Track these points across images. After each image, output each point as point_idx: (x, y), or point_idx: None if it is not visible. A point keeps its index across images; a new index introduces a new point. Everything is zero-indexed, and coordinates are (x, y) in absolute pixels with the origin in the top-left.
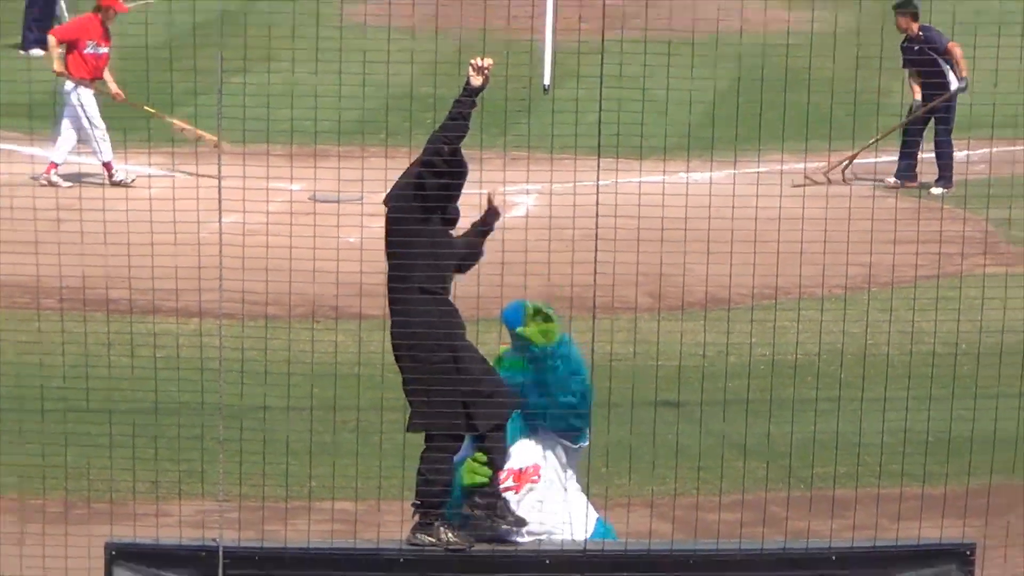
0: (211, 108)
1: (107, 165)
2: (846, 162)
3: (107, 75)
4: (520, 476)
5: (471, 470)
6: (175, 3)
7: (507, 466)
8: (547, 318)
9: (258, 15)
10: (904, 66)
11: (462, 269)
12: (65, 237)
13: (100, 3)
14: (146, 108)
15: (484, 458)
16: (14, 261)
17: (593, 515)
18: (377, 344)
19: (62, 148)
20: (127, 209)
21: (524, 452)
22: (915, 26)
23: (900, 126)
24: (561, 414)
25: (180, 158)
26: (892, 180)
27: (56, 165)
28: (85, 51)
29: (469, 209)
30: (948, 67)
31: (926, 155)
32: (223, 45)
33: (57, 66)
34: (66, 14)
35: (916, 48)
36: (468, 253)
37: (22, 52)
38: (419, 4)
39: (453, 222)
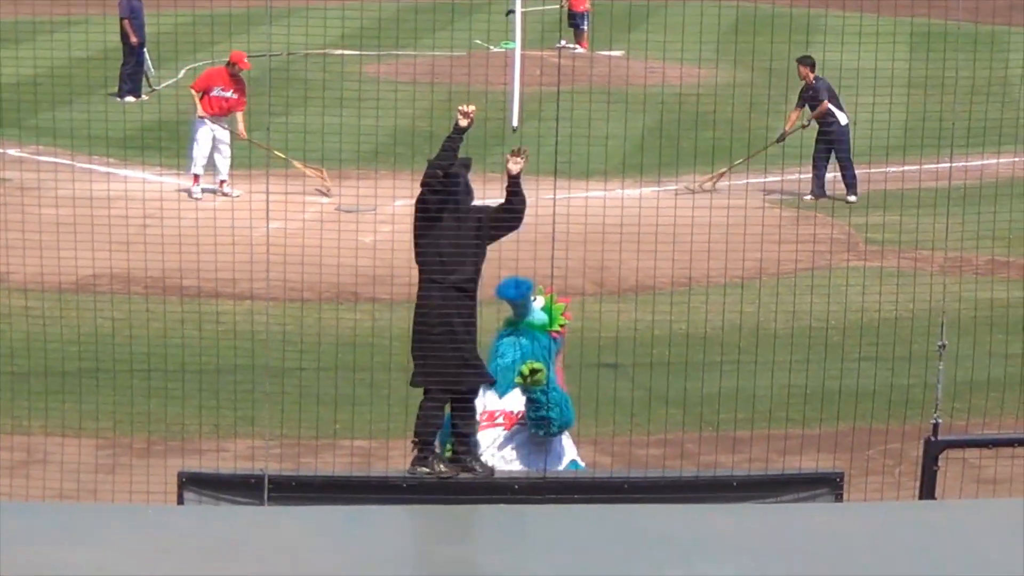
0: (262, 141)
1: (221, 183)
2: (716, 177)
3: (239, 116)
4: (511, 417)
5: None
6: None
7: (501, 408)
8: (536, 370)
9: (297, 71)
10: (798, 105)
11: (497, 236)
12: (150, 238)
13: (230, 59)
14: (276, 152)
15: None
16: (111, 256)
17: (572, 454)
18: (386, 321)
19: (195, 164)
20: (197, 217)
21: (517, 400)
22: (811, 75)
23: (763, 150)
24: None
25: (237, 180)
26: (808, 197)
27: (198, 178)
28: (212, 94)
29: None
30: (838, 108)
31: (831, 175)
32: (271, 93)
33: (200, 110)
34: (152, 69)
35: (809, 93)
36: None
37: (118, 99)
38: (419, 63)
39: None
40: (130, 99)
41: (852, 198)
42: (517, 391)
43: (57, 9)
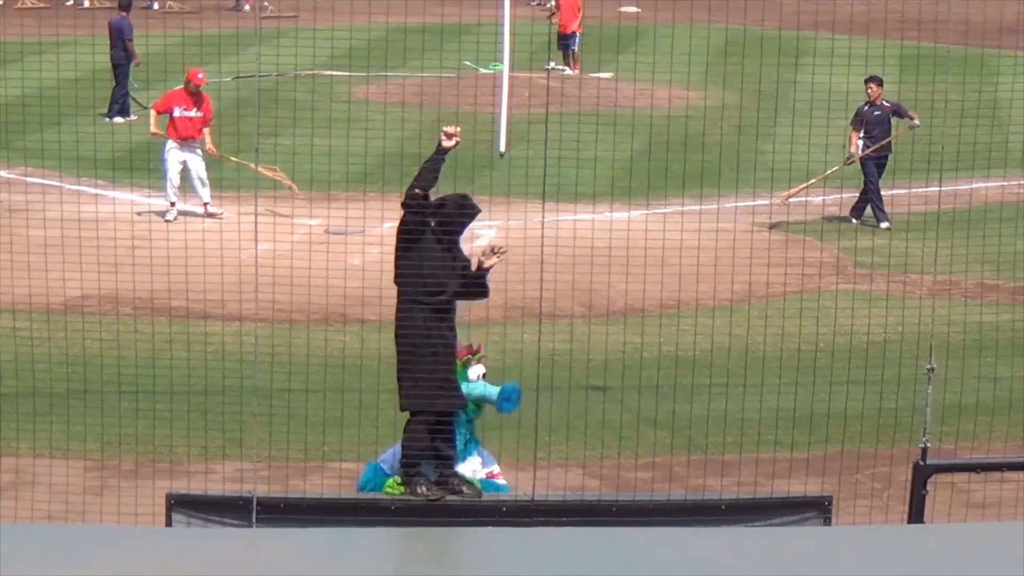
0: (250, 162)
1: (205, 205)
2: (794, 193)
3: (205, 133)
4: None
5: (391, 484)
6: (223, 81)
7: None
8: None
9: (286, 92)
10: (855, 126)
11: (465, 296)
12: (138, 259)
13: (186, 77)
14: (233, 159)
15: (400, 480)
16: (99, 278)
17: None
18: (375, 343)
19: (168, 192)
20: (186, 238)
21: (472, 465)
22: (880, 95)
23: (838, 169)
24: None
25: (225, 201)
26: (886, 225)
27: (173, 204)
28: (174, 115)
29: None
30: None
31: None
32: (260, 115)
33: (153, 128)
34: (135, 85)
35: (877, 113)
36: (465, 279)
37: (107, 119)
38: (408, 85)
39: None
40: (119, 120)
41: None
42: (471, 459)
43: (46, 30)
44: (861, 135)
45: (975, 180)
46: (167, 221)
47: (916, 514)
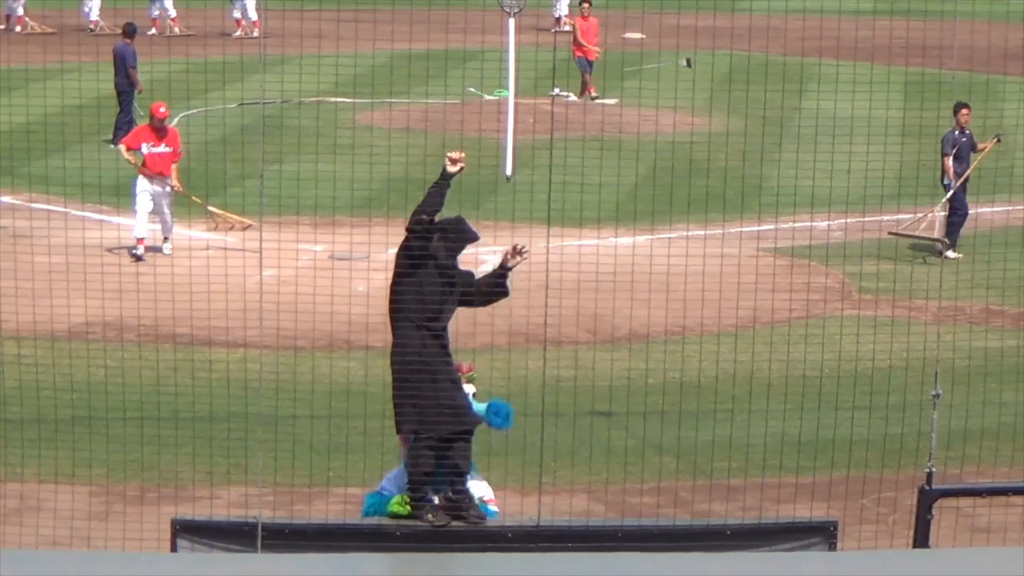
0: (255, 188)
1: (165, 239)
2: (908, 227)
3: (172, 169)
4: None
5: (397, 503)
6: (228, 108)
7: None
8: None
9: (291, 118)
10: (946, 152)
11: (469, 303)
12: (143, 286)
13: (149, 112)
14: (194, 198)
15: (408, 498)
16: (104, 304)
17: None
18: (379, 369)
19: (136, 226)
20: (190, 264)
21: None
22: (968, 118)
23: (950, 197)
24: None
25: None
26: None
27: (141, 240)
28: (143, 152)
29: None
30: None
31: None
32: (264, 141)
33: (130, 158)
34: (142, 114)
35: (963, 139)
36: (468, 292)
37: (112, 146)
38: (412, 111)
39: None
40: (123, 147)
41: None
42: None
43: (50, 57)
44: (951, 161)
45: (980, 205)
46: (139, 259)
47: (921, 539)
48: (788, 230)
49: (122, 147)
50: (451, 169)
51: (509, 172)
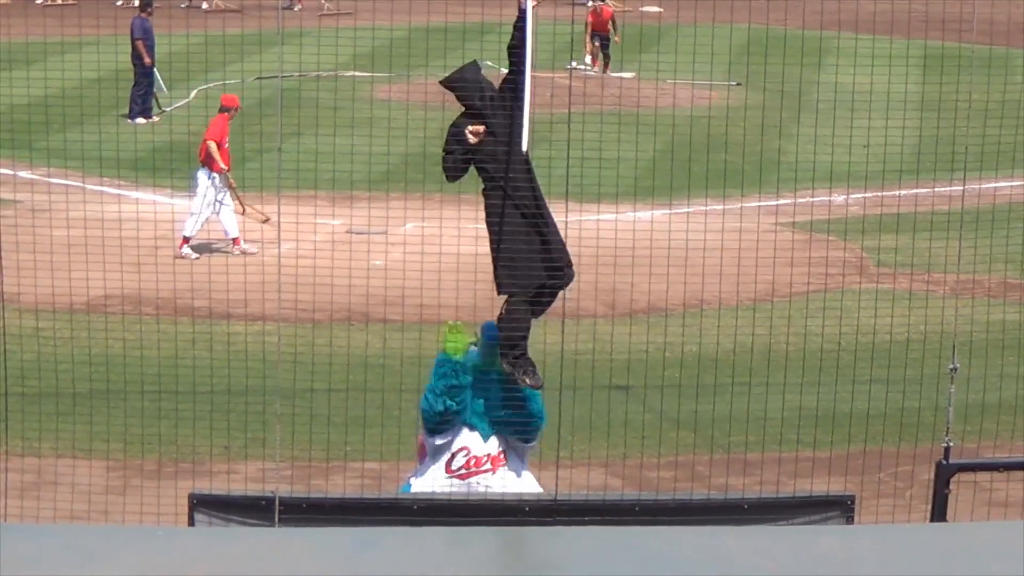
0: (273, 162)
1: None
2: None
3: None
4: (495, 460)
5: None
6: (247, 82)
7: (486, 452)
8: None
9: (309, 92)
10: None
11: None
12: (161, 259)
13: (226, 104)
14: (252, 209)
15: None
16: (122, 278)
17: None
18: (397, 342)
19: (192, 224)
20: (209, 238)
21: (496, 444)
22: None
23: None
24: (521, 422)
25: (250, 201)
26: None
27: (187, 240)
28: (224, 146)
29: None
30: None
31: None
32: (282, 115)
33: (218, 158)
34: (164, 89)
35: None
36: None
37: (129, 121)
38: (430, 85)
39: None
40: (141, 120)
41: None
42: (495, 438)
43: (68, 30)
44: None
45: (999, 179)
46: (194, 259)
47: (939, 513)
48: (806, 204)
49: (212, 144)
50: (472, 141)
51: (526, 146)
